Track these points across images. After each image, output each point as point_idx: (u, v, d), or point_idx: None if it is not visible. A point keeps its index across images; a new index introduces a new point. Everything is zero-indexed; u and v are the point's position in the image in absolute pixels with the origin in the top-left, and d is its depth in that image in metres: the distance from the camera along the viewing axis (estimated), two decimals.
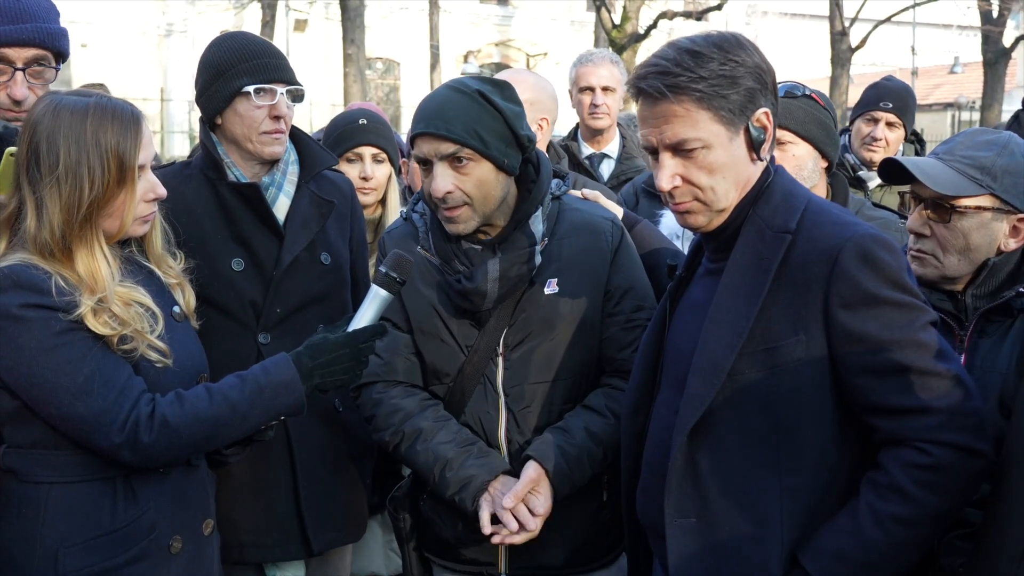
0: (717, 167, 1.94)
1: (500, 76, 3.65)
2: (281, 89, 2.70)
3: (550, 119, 3.47)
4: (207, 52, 2.75)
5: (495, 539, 2.39)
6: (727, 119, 1.92)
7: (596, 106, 4.32)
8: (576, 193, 2.75)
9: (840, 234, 1.88)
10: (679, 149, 1.93)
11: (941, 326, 2.30)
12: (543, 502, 2.39)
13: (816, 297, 1.87)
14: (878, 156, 4.40)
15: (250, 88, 2.65)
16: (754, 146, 1.96)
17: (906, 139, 4.66)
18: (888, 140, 4.43)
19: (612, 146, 4.46)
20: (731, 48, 1.92)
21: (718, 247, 2.04)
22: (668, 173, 1.95)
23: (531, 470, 2.39)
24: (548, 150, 3.64)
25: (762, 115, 1.94)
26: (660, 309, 2.19)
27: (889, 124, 4.44)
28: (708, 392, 1.91)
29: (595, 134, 4.41)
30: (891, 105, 4.41)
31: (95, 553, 2.14)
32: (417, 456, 2.48)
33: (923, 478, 1.82)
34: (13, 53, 2.52)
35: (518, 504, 2.37)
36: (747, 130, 1.94)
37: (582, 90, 4.37)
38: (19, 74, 2.53)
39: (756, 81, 1.93)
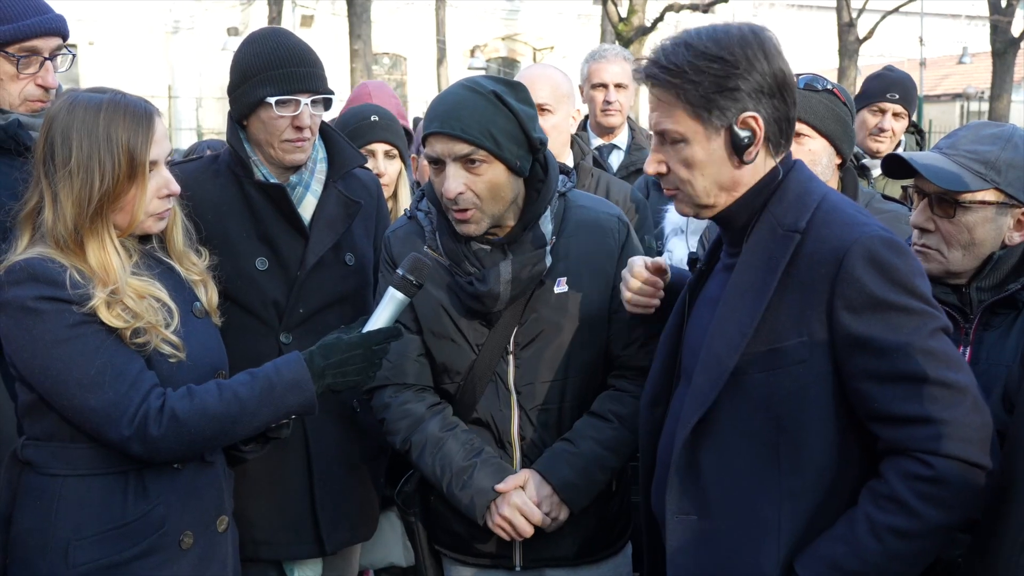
0: (694, 163, 1.93)
1: (527, 70, 3.77)
2: (306, 99, 2.64)
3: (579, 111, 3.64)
4: (239, 51, 2.72)
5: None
6: (704, 117, 1.89)
7: (609, 103, 4.34)
8: None
9: (847, 235, 1.84)
10: (663, 138, 1.94)
11: None
12: (536, 515, 2.45)
13: (821, 299, 1.83)
14: (885, 147, 4.41)
15: (271, 100, 2.62)
16: (736, 149, 1.91)
17: (907, 130, 4.66)
18: (895, 130, 4.44)
19: (621, 137, 4.48)
20: (727, 44, 1.88)
21: (732, 240, 2.03)
22: (654, 158, 1.98)
23: (532, 489, 2.46)
24: (572, 146, 3.66)
25: (749, 118, 1.89)
26: (680, 303, 2.17)
27: (896, 115, 4.44)
28: (712, 390, 1.90)
29: (606, 130, 4.44)
30: (897, 96, 4.41)
31: (105, 546, 2.16)
32: (425, 466, 2.51)
33: (924, 490, 1.78)
34: (42, 44, 2.60)
35: (515, 514, 2.44)
36: (730, 131, 1.90)
37: (595, 86, 4.39)
38: (49, 63, 2.61)
39: (747, 83, 1.87)
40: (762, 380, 1.88)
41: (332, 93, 2.73)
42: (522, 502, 2.44)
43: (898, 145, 4.50)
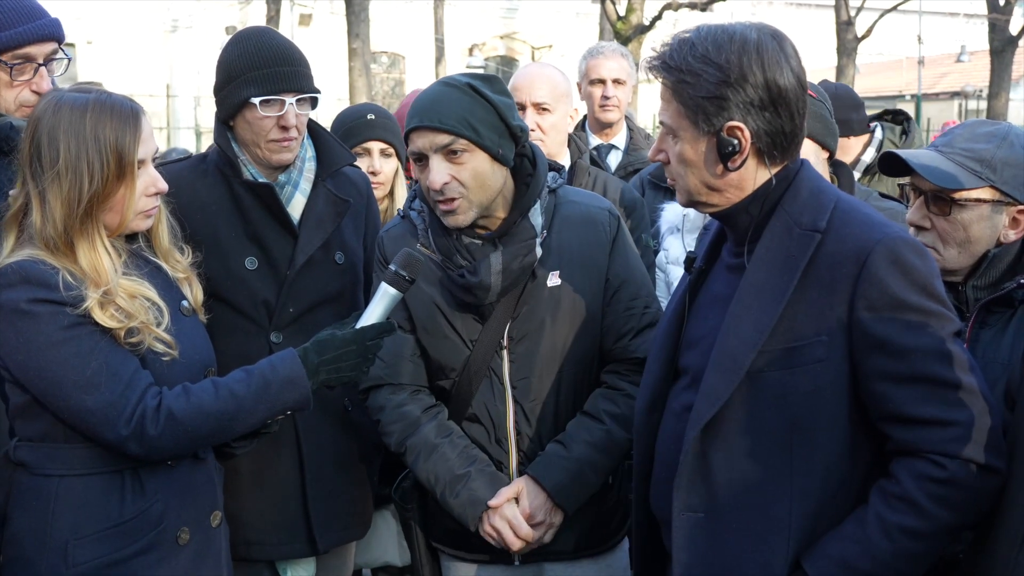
0: (685, 160, 1.95)
1: (524, 69, 3.81)
2: (290, 99, 2.64)
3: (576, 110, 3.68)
4: (224, 51, 2.72)
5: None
6: (691, 118, 1.90)
7: (607, 98, 4.34)
8: None
9: (870, 235, 1.84)
10: (664, 128, 1.97)
11: None
12: (525, 530, 2.46)
13: (842, 298, 1.83)
14: None
15: (256, 100, 2.62)
16: (721, 156, 1.90)
17: (892, 120, 4.55)
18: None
19: (619, 137, 4.48)
20: (726, 50, 1.87)
21: (738, 239, 2.02)
22: (656, 147, 2.01)
23: (525, 501, 2.48)
24: (569, 144, 3.67)
25: (735, 128, 1.88)
26: (679, 302, 2.15)
27: None
28: (725, 389, 1.89)
29: (604, 126, 4.43)
30: None
31: (104, 545, 2.17)
32: (420, 471, 2.53)
33: (936, 491, 1.79)
34: (35, 50, 2.57)
35: (505, 527, 2.46)
36: (716, 137, 1.89)
37: (592, 82, 4.38)
38: (43, 69, 2.59)
39: (737, 94, 1.86)
40: (778, 379, 1.87)
41: (318, 92, 2.73)
42: (512, 515, 2.46)
43: (870, 142, 4.40)
